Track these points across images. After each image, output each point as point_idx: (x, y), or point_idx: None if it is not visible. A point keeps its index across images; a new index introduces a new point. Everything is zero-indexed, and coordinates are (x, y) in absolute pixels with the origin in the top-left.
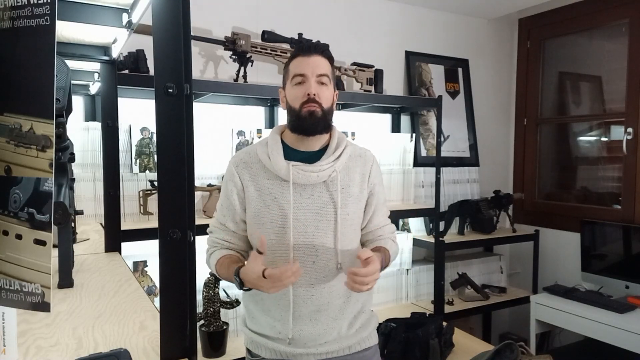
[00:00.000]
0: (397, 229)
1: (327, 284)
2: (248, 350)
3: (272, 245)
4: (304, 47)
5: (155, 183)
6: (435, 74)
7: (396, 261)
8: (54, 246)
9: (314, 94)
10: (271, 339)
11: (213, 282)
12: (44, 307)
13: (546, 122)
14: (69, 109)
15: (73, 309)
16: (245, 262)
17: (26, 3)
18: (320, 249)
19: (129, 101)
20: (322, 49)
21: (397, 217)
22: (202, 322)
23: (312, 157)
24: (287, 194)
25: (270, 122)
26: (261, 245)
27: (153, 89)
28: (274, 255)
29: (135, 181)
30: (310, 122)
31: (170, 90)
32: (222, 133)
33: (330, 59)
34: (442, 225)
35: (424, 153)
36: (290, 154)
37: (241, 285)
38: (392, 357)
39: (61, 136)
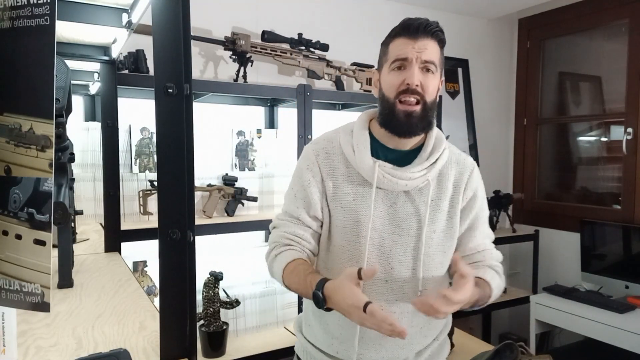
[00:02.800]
0: None
1: (399, 308)
2: (298, 358)
3: (342, 255)
4: (411, 26)
5: (155, 183)
6: None
7: None
8: (54, 246)
9: (417, 84)
10: (327, 356)
11: (213, 282)
12: (43, 307)
13: (546, 122)
14: (69, 109)
15: (73, 309)
16: (322, 274)
17: (26, 3)
18: (397, 267)
19: (129, 101)
20: (432, 30)
21: None
22: (202, 322)
23: (403, 159)
24: (368, 198)
25: (270, 122)
26: (369, 273)
27: (153, 89)
28: (340, 267)
29: (135, 181)
30: (405, 124)
31: (170, 90)
32: (222, 133)
33: (442, 41)
34: None
35: None
36: (378, 149)
37: (322, 303)
38: None
39: (61, 136)
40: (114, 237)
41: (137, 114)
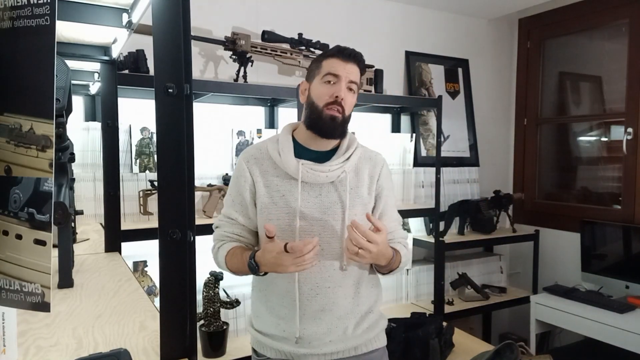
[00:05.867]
0: None
1: (332, 283)
2: (254, 351)
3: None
4: (345, 52)
5: (155, 183)
6: (435, 74)
7: None
8: (54, 246)
9: (342, 98)
10: (276, 339)
11: (213, 282)
12: (44, 307)
13: (546, 122)
14: (69, 109)
15: (73, 309)
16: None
17: (26, 3)
18: (326, 248)
19: (129, 101)
20: (359, 59)
21: None
22: (202, 322)
23: (323, 157)
24: (295, 191)
25: (270, 122)
26: (269, 232)
27: (153, 89)
28: None
29: (135, 181)
30: (329, 126)
31: (170, 90)
32: (222, 133)
33: (363, 69)
34: (442, 225)
35: (424, 153)
36: (301, 152)
37: (257, 269)
38: (392, 357)
39: (61, 136)
40: (114, 237)
41: (137, 114)
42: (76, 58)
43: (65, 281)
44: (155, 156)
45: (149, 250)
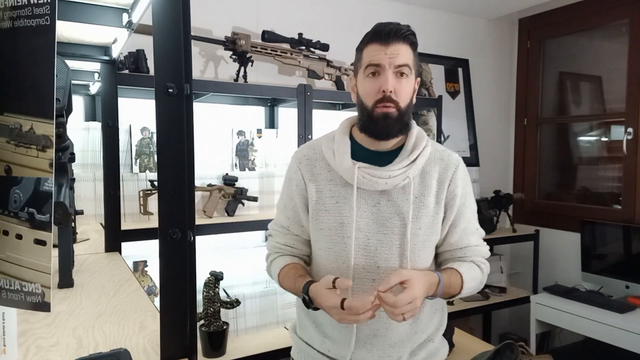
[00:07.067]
0: None
1: None
2: None
3: (329, 256)
4: (382, 32)
5: (155, 183)
6: (436, 74)
7: None
8: (54, 246)
9: (391, 91)
10: (321, 354)
11: (213, 282)
12: (44, 307)
13: (546, 122)
14: (69, 109)
15: (73, 309)
16: (309, 276)
17: (26, 3)
18: (383, 265)
19: (129, 101)
20: (403, 35)
21: None
22: (202, 322)
23: (384, 158)
24: (350, 199)
25: (270, 122)
26: (342, 287)
27: (153, 89)
28: (330, 268)
29: (135, 181)
30: (383, 126)
31: (170, 90)
32: (222, 133)
33: (414, 44)
34: None
35: None
36: (359, 152)
37: (309, 304)
38: None
39: (61, 136)
40: (114, 237)
41: (137, 114)
42: (76, 58)
43: (66, 281)
44: (155, 156)
45: (149, 250)
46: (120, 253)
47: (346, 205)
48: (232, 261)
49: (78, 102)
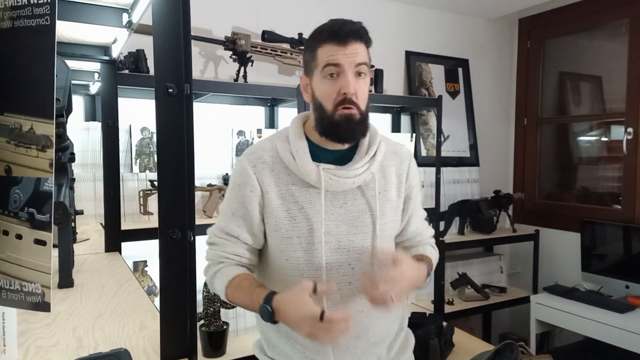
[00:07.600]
0: None
1: (365, 306)
2: None
3: (299, 265)
4: (340, 32)
5: (156, 183)
6: (435, 74)
7: None
8: (54, 246)
9: (353, 92)
10: None
11: None
12: (44, 307)
13: (546, 122)
14: (69, 109)
15: (73, 309)
16: (266, 286)
17: (26, 3)
18: (357, 266)
19: (129, 101)
20: (360, 34)
21: None
22: (202, 322)
23: (343, 157)
24: (317, 203)
25: (270, 122)
26: (328, 291)
27: (153, 89)
28: (301, 277)
29: (135, 181)
30: (347, 129)
31: (170, 90)
32: (222, 133)
33: (368, 42)
34: (442, 225)
35: (424, 153)
36: (318, 153)
37: (271, 317)
38: None
39: (61, 136)
40: (114, 237)
41: (137, 114)
42: (76, 58)
43: (66, 281)
44: (155, 156)
45: (149, 250)
46: (120, 253)
47: (312, 209)
48: None
49: (78, 102)
